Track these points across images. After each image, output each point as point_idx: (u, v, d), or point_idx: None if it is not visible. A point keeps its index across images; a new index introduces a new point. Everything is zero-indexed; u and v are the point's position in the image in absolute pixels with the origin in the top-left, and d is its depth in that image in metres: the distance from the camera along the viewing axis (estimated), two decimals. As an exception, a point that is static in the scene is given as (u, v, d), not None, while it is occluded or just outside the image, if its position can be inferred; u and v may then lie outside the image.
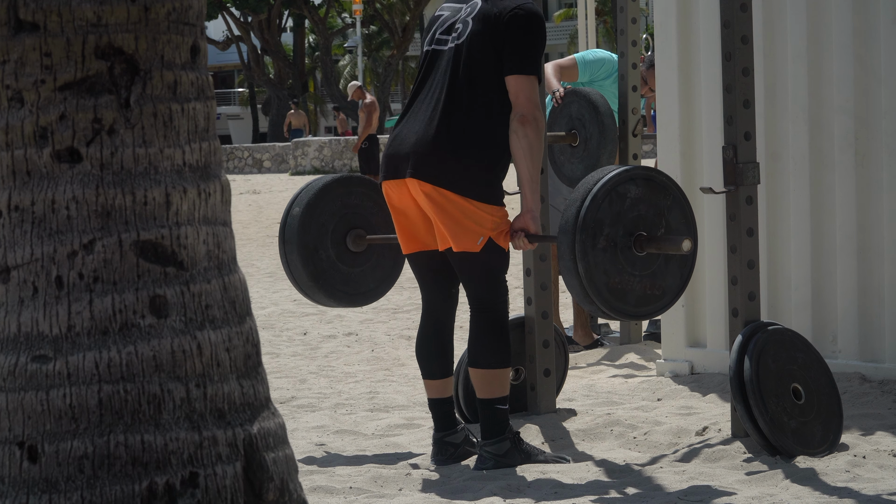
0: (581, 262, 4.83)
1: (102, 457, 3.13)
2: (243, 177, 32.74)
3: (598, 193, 4.85)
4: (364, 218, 5.84)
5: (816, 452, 5.12)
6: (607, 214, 4.86)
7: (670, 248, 4.90)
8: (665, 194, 4.98)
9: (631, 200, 4.90)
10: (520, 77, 5.11)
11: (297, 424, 6.19)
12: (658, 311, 5.04)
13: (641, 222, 4.93)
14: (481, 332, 5.21)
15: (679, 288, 5.03)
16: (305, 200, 5.74)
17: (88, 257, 3.18)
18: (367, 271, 5.87)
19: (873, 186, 6.23)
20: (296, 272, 5.76)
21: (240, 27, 52.20)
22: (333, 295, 5.82)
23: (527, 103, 5.09)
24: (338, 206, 5.79)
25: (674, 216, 4.99)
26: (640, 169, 4.98)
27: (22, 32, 3.20)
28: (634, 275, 4.92)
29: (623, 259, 4.89)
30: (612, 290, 4.88)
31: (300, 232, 5.72)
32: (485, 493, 4.78)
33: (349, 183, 5.83)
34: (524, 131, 5.08)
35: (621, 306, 4.93)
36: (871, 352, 6.29)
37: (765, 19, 6.46)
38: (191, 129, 3.30)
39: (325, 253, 5.77)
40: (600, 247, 4.85)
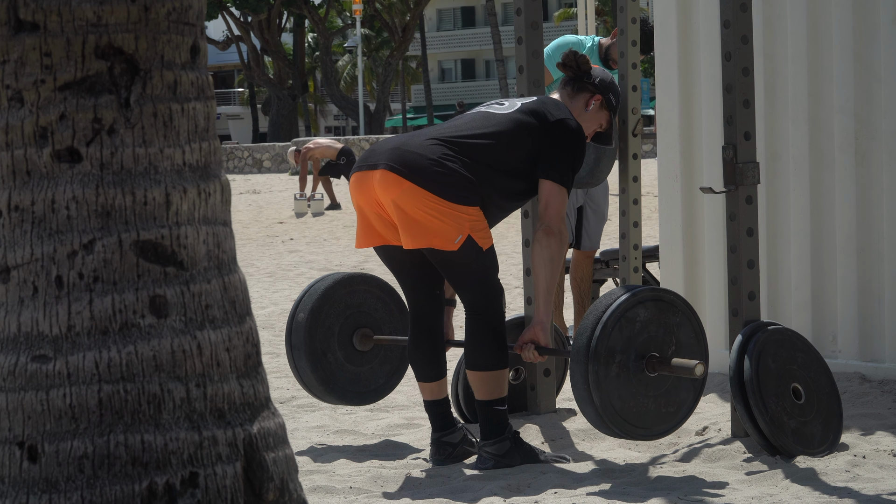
0: (595, 392, 4.86)
1: (102, 457, 3.13)
2: (243, 177, 32.76)
3: (608, 322, 4.88)
4: (369, 315, 5.91)
5: (816, 452, 5.13)
6: (618, 341, 4.89)
7: (683, 373, 4.93)
8: (674, 312, 5.02)
9: (641, 324, 4.94)
10: (555, 186, 5.18)
11: (297, 424, 6.19)
12: (675, 427, 5.08)
13: (652, 343, 4.96)
14: (477, 335, 5.21)
15: (694, 400, 5.08)
16: (310, 306, 5.78)
17: (88, 257, 3.18)
18: (376, 368, 5.94)
19: (873, 186, 6.23)
20: (305, 377, 5.82)
21: (240, 27, 52.24)
22: (344, 396, 5.89)
23: (555, 216, 5.15)
24: (342, 308, 5.85)
25: (684, 332, 5.02)
26: (648, 291, 4.99)
27: (22, 32, 3.20)
28: (649, 396, 4.96)
29: (636, 382, 4.93)
30: (628, 415, 4.92)
31: (307, 338, 5.77)
32: (485, 492, 4.78)
33: (351, 282, 5.87)
34: (548, 242, 5.14)
35: (638, 430, 4.97)
36: (871, 352, 6.30)
37: (765, 19, 6.47)
38: (191, 128, 3.30)
39: (332, 356, 5.83)
40: (613, 374, 4.88)
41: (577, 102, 5.50)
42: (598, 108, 5.51)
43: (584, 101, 5.50)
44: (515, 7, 6.07)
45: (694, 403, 5.08)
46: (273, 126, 52.17)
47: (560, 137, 5.22)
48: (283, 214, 21.61)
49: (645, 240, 10.36)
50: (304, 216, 21.03)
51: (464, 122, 5.30)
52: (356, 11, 45.26)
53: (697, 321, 5.09)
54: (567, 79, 5.54)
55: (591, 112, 5.50)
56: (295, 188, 25.66)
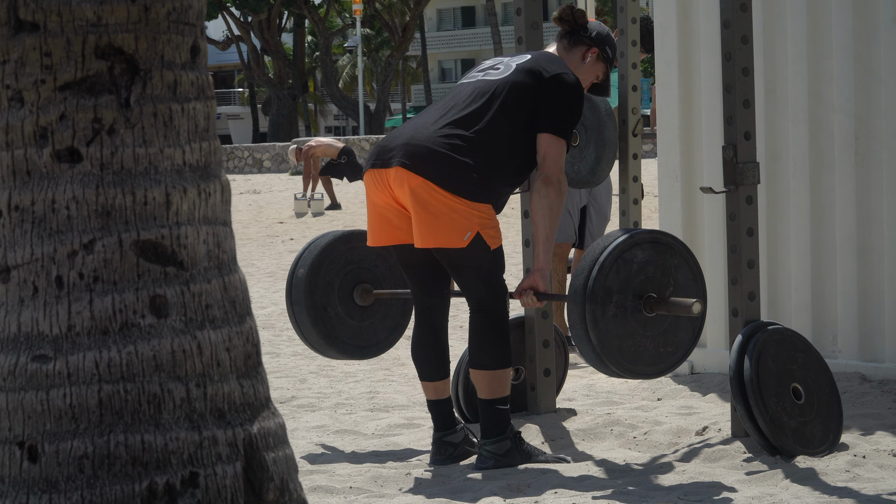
0: (593, 332, 4.90)
1: (102, 457, 3.13)
2: (243, 177, 32.75)
3: (605, 262, 4.91)
4: (369, 271, 5.92)
5: (816, 452, 5.12)
6: (615, 282, 4.92)
7: (681, 311, 4.96)
8: (671, 254, 5.05)
9: (638, 264, 4.96)
10: (552, 138, 5.18)
11: (297, 424, 6.19)
12: (673, 367, 5.12)
13: (650, 284, 4.99)
14: (481, 333, 5.21)
15: (692, 340, 5.12)
16: (309, 261, 5.80)
17: (88, 257, 3.17)
18: (377, 323, 5.95)
19: (873, 186, 6.23)
20: (306, 332, 5.83)
21: (240, 27, 52.23)
22: (345, 350, 5.90)
23: (553, 165, 5.16)
24: (342, 264, 5.86)
25: (681, 274, 5.05)
26: (645, 233, 5.02)
27: (22, 32, 3.20)
28: (647, 336, 4.99)
29: (634, 322, 4.96)
30: (626, 354, 4.96)
31: (307, 293, 5.78)
32: (485, 492, 4.78)
33: (351, 239, 5.88)
34: (547, 191, 5.14)
35: (636, 368, 5.00)
36: (871, 352, 6.30)
37: (765, 19, 6.47)
38: (191, 128, 3.30)
39: (333, 311, 5.84)
40: (611, 314, 4.91)
41: (573, 55, 5.50)
42: (594, 61, 5.53)
43: (581, 54, 5.50)
44: (515, 7, 6.07)
45: (692, 344, 5.11)
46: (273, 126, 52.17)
47: (556, 91, 5.22)
48: (283, 214, 21.61)
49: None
50: (304, 216, 21.03)
51: (465, 94, 5.27)
52: (356, 11, 45.28)
53: (695, 263, 5.11)
54: (563, 32, 5.55)
55: (588, 65, 5.51)
56: (295, 188, 25.65)
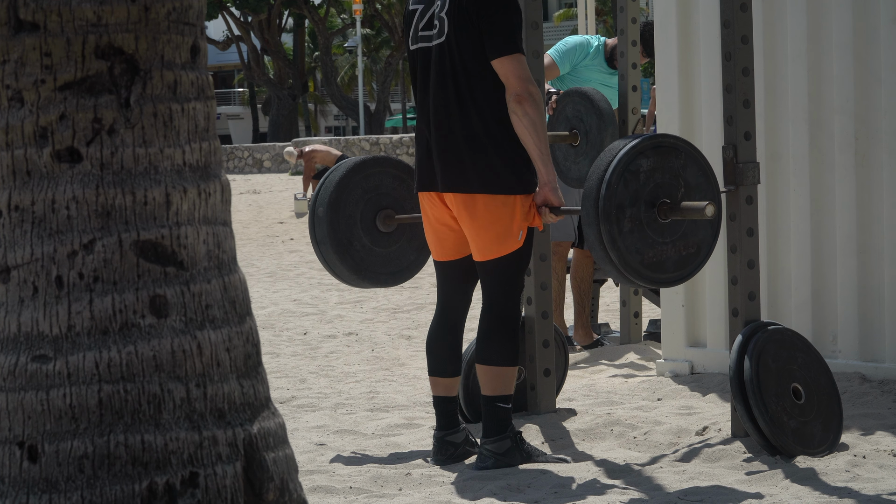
0: (612, 251, 4.84)
1: (102, 457, 3.13)
2: (243, 177, 32.75)
3: (612, 179, 4.84)
4: (387, 196, 5.88)
5: (816, 452, 5.13)
6: (625, 196, 4.85)
7: (695, 215, 4.89)
8: (676, 154, 4.97)
9: (645, 174, 4.89)
10: (504, 59, 5.11)
11: (297, 424, 6.19)
12: (699, 267, 5.04)
13: (660, 190, 4.91)
14: (492, 329, 5.22)
15: (713, 237, 5.03)
16: (327, 198, 5.78)
17: (88, 257, 3.17)
18: (404, 245, 5.93)
19: (873, 186, 6.23)
20: (336, 269, 5.82)
21: (240, 27, 52.22)
22: (378, 279, 5.89)
23: (518, 82, 5.09)
24: (359, 194, 5.82)
25: (690, 173, 4.97)
26: (646, 140, 4.94)
27: (22, 32, 3.20)
28: (667, 243, 4.92)
29: (651, 232, 4.89)
30: (650, 266, 4.90)
31: (330, 231, 5.76)
32: (485, 492, 4.78)
33: (364, 167, 5.85)
34: (522, 109, 5.09)
35: (662, 276, 4.94)
36: (871, 352, 6.30)
37: (765, 19, 6.47)
38: (191, 128, 3.30)
39: (359, 243, 5.82)
40: (627, 230, 4.85)
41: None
42: None
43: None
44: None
45: (713, 241, 5.04)
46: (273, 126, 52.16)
47: (486, 12, 5.12)
48: (283, 214, 21.61)
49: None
50: (304, 216, 21.02)
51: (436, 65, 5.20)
52: (356, 11, 45.26)
53: (703, 158, 5.04)
54: None
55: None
56: (295, 188, 25.66)
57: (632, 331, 7.89)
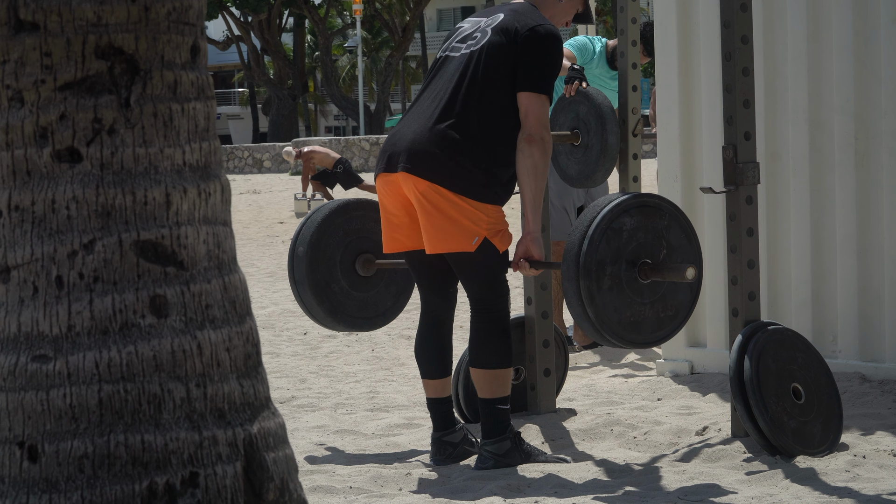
0: (590, 308, 4.83)
1: (102, 457, 3.13)
2: (243, 177, 32.75)
3: (594, 235, 4.84)
4: (368, 240, 5.84)
5: (816, 452, 5.13)
6: (607, 253, 4.85)
7: (675, 277, 4.89)
8: (660, 215, 4.97)
9: (628, 232, 4.89)
10: (532, 95, 5.12)
11: (297, 424, 6.19)
12: (675, 331, 5.05)
13: (642, 250, 4.92)
14: (482, 333, 5.21)
15: (691, 301, 5.05)
16: (308, 238, 5.74)
17: (88, 257, 3.17)
18: (382, 291, 5.89)
19: (873, 186, 6.23)
20: (312, 310, 5.77)
21: (240, 27, 52.20)
22: (353, 324, 5.85)
23: (536, 124, 5.09)
24: (341, 236, 5.79)
25: (673, 235, 4.99)
26: (631, 199, 4.94)
27: (22, 32, 3.19)
28: (645, 304, 4.93)
29: (631, 291, 4.89)
30: (626, 325, 4.89)
31: (309, 271, 5.72)
32: (485, 492, 4.78)
33: (347, 209, 5.81)
34: (530, 150, 5.08)
35: (638, 338, 4.94)
36: (871, 352, 6.30)
37: (765, 19, 6.47)
38: (191, 128, 3.30)
39: (337, 286, 5.77)
40: (606, 287, 4.84)
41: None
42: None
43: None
44: (515, 7, 6.06)
45: (692, 305, 5.05)
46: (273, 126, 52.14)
47: (532, 46, 5.15)
48: (283, 214, 21.61)
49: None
50: (304, 216, 21.00)
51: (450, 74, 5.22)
52: (356, 11, 45.24)
53: (686, 221, 5.04)
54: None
55: (565, 1, 5.46)
56: (295, 188, 25.64)
57: (632, 331, 7.88)
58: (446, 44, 5.37)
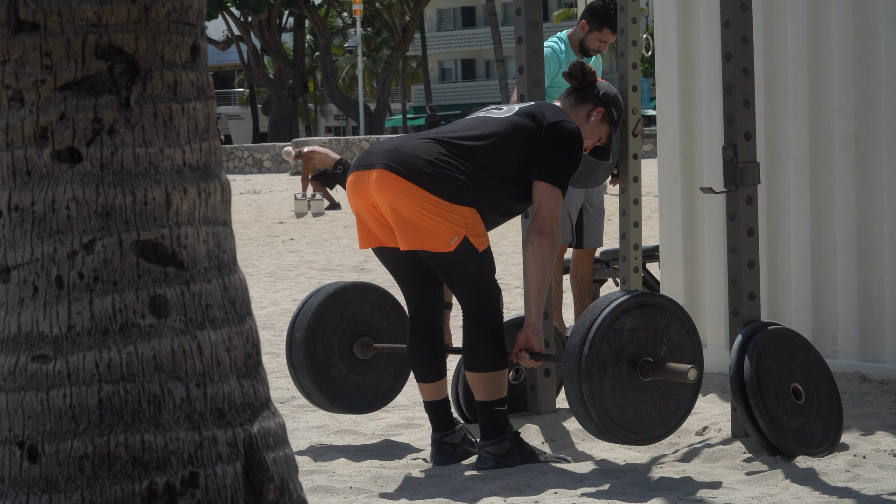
0: (592, 409, 4.85)
1: (102, 457, 3.13)
2: (243, 177, 32.76)
3: (595, 338, 4.84)
4: (366, 323, 5.84)
5: (816, 452, 5.12)
6: (608, 354, 4.86)
7: (677, 378, 4.91)
8: (660, 313, 4.99)
9: (629, 332, 4.90)
10: (548, 187, 5.15)
11: (297, 424, 6.19)
12: (678, 424, 5.07)
13: (643, 349, 4.93)
14: (474, 337, 5.20)
15: (693, 395, 5.06)
16: (305, 324, 5.73)
17: (88, 257, 3.17)
18: (380, 372, 5.89)
19: (873, 186, 6.23)
20: (311, 395, 5.79)
21: (240, 27, 52.23)
22: (353, 407, 5.86)
23: (548, 217, 5.13)
24: (338, 320, 5.79)
25: (674, 331, 5.00)
26: (631, 299, 4.94)
27: (22, 32, 3.20)
28: (647, 401, 4.94)
29: (632, 390, 4.91)
30: (629, 424, 4.91)
31: (307, 358, 5.72)
32: (485, 493, 4.78)
33: (343, 293, 5.80)
34: (539, 243, 5.12)
35: (642, 435, 4.96)
36: (871, 352, 6.30)
37: (765, 19, 6.47)
38: (191, 129, 3.30)
39: (335, 370, 5.78)
40: (608, 388, 4.85)
41: (578, 113, 5.47)
42: (599, 121, 5.48)
43: (587, 113, 5.46)
44: (515, 7, 6.07)
45: (693, 398, 5.07)
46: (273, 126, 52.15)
47: (555, 139, 5.20)
48: (283, 214, 21.61)
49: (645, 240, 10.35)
50: (304, 216, 21.02)
51: (461, 125, 5.30)
52: (356, 11, 45.26)
53: (686, 317, 5.07)
54: (571, 88, 5.52)
55: (592, 124, 5.47)
56: (295, 188, 25.66)
57: (632, 331, 7.88)
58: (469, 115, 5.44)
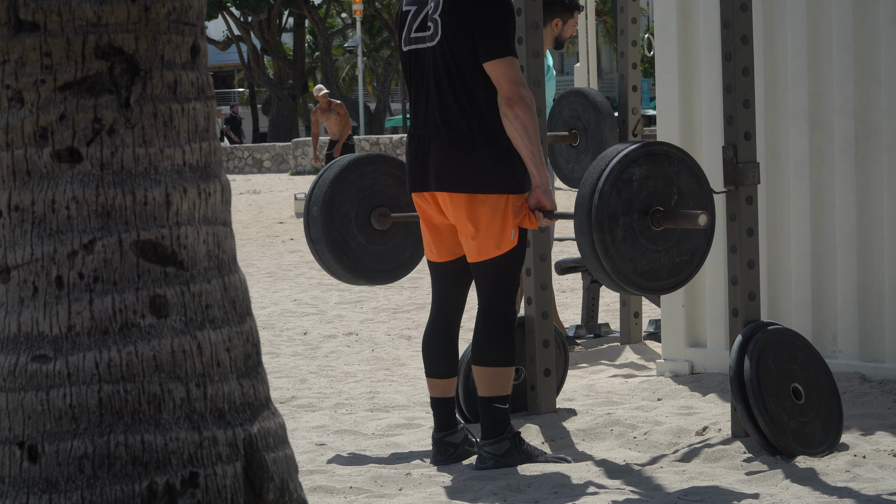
0: (605, 260, 4.82)
1: (102, 457, 3.13)
2: (243, 177, 32.75)
3: (604, 187, 4.83)
4: (382, 194, 5.87)
5: (816, 452, 5.13)
6: (618, 204, 4.84)
7: (688, 224, 4.89)
8: (669, 162, 4.96)
9: (638, 182, 4.88)
10: (495, 62, 5.10)
11: (297, 424, 6.19)
12: (692, 274, 5.03)
13: (654, 198, 4.91)
14: (487, 329, 5.21)
15: (706, 244, 5.03)
16: (321, 197, 5.76)
17: (88, 257, 3.17)
18: (400, 242, 5.92)
19: (873, 186, 6.23)
20: (332, 268, 5.82)
21: (240, 27, 52.20)
22: (373, 277, 5.89)
23: (509, 84, 5.07)
24: (353, 192, 5.81)
25: (684, 180, 4.97)
26: (639, 148, 4.93)
27: (22, 32, 3.20)
28: (660, 250, 4.91)
29: (645, 240, 4.88)
30: (643, 274, 4.89)
31: (325, 230, 5.75)
32: (485, 493, 4.78)
33: (358, 165, 5.84)
34: (514, 112, 5.07)
35: (656, 284, 4.94)
36: (871, 352, 6.30)
37: (765, 19, 6.47)
38: (191, 128, 3.30)
39: (354, 242, 5.81)
40: (619, 238, 4.83)
41: None
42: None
43: None
44: (516, 7, 6.07)
45: (707, 248, 5.04)
46: (273, 126, 52.12)
47: (478, 13, 5.11)
48: (283, 214, 21.61)
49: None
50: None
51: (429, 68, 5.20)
52: (356, 11, 45.24)
53: (695, 164, 5.03)
54: None
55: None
56: (295, 188, 25.66)
57: (632, 331, 7.89)
58: (404, 33, 5.31)
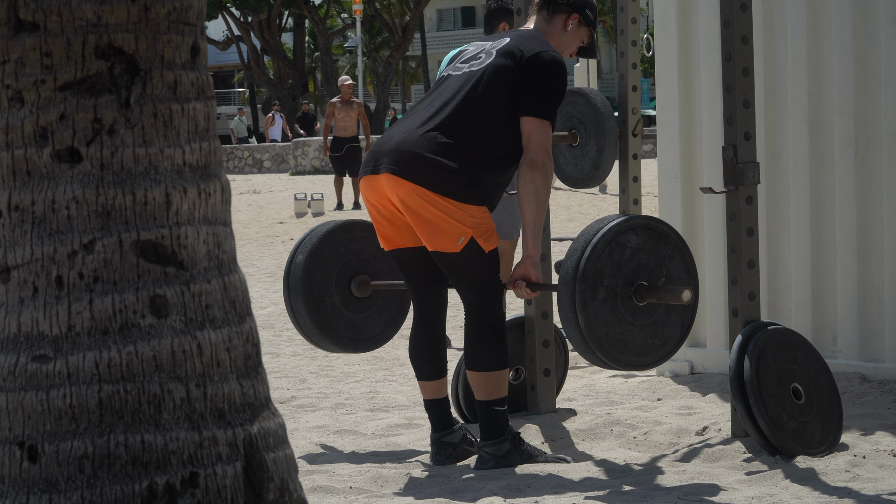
0: (581, 314, 4.82)
1: (102, 457, 3.13)
2: (243, 177, 32.75)
3: (598, 244, 4.85)
4: (367, 263, 5.83)
5: (816, 452, 5.13)
6: (607, 265, 4.86)
7: (671, 299, 4.91)
8: (665, 243, 4.99)
9: (631, 250, 4.90)
10: (535, 120, 5.10)
11: (297, 424, 6.19)
12: (660, 361, 5.05)
13: (642, 272, 4.93)
14: (477, 336, 5.20)
15: (681, 336, 5.06)
16: (309, 248, 5.72)
17: (88, 257, 3.17)
18: (373, 316, 5.87)
19: (873, 186, 6.23)
20: (301, 320, 5.75)
21: (240, 27, 52.20)
22: (339, 342, 5.82)
23: (538, 149, 5.08)
24: (341, 253, 5.77)
25: (674, 265, 4.99)
26: (641, 218, 4.98)
27: (22, 32, 3.20)
28: (635, 325, 4.92)
29: (623, 309, 4.89)
30: (613, 341, 4.88)
31: (304, 280, 5.70)
32: (485, 492, 4.78)
33: (352, 228, 5.81)
34: (532, 176, 5.07)
35: (622, 357, 4.93)
36: (871, 352, 6.30)
37: (765, 19, 6.47)
38: (191, 129, 3.30)
39: (329, 300, 5.75)
40: (600, 297, 4.84)
41: (554, 26, 5.37)
42: (576, 27, 5.38)
43: (562, 23, 5.36)
44: (516, 7, 6.07)
45: (681, 340, 5.05)
46: (273, 126, 52.10)
47: (536, 71, 5.13)
48: (283, 214, 21.61)
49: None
50: (304, 216, 21.00)
51: (451, 89, 5.22)
52: (356, 12, 45.25)
53: (689, 255, 5.06)
54: (541, 2, 5.39)
55: (570, 32, 5.37)
56: (295, 188, 25.66)
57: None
58: (450, 64, 5.37)
